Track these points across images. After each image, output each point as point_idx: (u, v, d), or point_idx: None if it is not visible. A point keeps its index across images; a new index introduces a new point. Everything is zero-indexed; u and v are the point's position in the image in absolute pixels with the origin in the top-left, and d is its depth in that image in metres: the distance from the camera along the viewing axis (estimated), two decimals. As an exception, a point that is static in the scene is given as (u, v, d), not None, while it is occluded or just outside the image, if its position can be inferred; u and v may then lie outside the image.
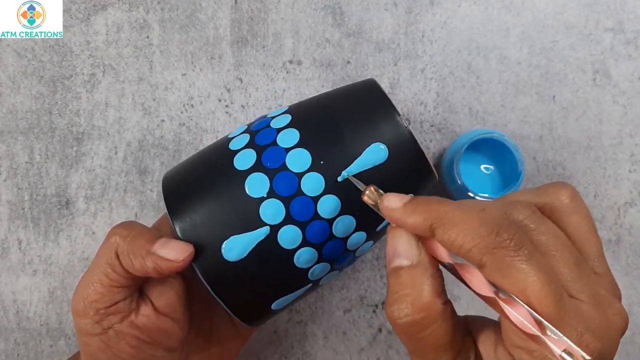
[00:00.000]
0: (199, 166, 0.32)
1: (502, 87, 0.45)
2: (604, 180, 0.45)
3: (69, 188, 0.45)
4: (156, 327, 0.31)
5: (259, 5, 0.46)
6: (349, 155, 0.30)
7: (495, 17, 0.46)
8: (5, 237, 0.45)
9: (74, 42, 0.46)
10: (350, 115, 0.31)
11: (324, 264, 0.31)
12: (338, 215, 0.29)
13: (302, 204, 0.29)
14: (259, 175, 0.29)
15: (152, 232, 0.30)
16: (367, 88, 0.33)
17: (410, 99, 0.45)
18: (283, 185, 0.29)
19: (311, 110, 0.32)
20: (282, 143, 0.30)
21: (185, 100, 0.46)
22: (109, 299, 0.30)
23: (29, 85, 0.46)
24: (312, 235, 0.29)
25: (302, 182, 0.29)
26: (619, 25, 0.45)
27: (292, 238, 0.29)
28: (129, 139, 0.45)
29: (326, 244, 0.30)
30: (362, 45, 0.46)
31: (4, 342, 0.45)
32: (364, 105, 0.32)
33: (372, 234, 0.31)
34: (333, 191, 0.29)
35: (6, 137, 0.45)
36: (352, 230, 0.30)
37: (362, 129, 0.30)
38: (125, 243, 0.29)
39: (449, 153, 0.43)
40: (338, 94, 0.34)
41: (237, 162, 0.30)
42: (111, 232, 0.30)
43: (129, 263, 0.29)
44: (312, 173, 0.29)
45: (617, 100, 0.45)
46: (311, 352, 0.45)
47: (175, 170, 0.33)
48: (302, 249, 0.29)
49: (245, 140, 0.31)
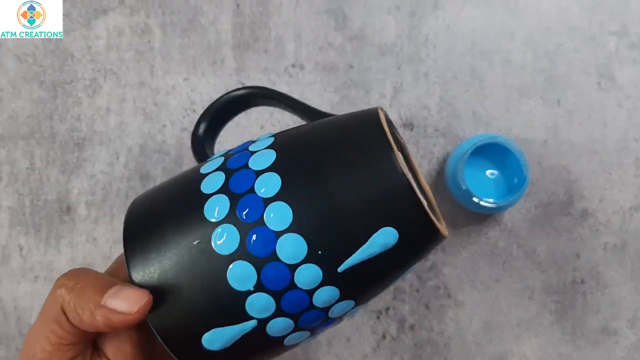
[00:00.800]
0: (166, 205, 0.27)
1: (506, 91, 0.45)
2: (608, 184, 0.45)
3: (70, 194, 0.45)
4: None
5: (261, 9, 0.46)
6: (344, 235, 0.24)
7: (499, 20, 0.45)
8: (6, 243, 0.45)
9: (74, 46, 0.46)
10: (347, 180, 0.25)
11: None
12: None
13: (295, 298, 0.25)
14: (244, 264, 0.24)
15: (103, 280, 0.26)
16: (369, 133, 0.26)
17: (414, 103, 0.45)
18: (272, 279, 0.24)
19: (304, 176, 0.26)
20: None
21: (186, 105, 0.45)
22: (58, 358, 0.26)
23: (30, 90, 0.45)
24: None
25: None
26: (623, 28, 0.45)
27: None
28: (131, 144, 0.45)
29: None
30: (365, 49, 0.45)
31: (5, 349, 0.44)
32: (365, 165, 0.25)
33: (361, 299, 0.28)
34: (332, 282, 0.25)
35: (7, 142, 0.45)
36: (336, 299, 0.26)
37: (368, 210, 0.25)
38: (70, 296, 0.25)
39: (453, 158, 0.43)
40: (333, 136, 0.27)
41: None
42: (57, 283, 0.26)
43: (77, 318, 0.25)
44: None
45: (621, 104, 0.45)
46: (315, 358, 0.45)
47: (142, 201, 0.29)
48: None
49: (225, 209, 0.25)
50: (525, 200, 0.45)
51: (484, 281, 0.45)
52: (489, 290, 0.45)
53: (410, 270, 0.27)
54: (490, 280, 0.45)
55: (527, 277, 0.44)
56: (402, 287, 0.45)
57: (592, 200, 0.45)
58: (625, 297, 0.44)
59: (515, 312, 0.44)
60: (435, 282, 0.45)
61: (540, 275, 0.44)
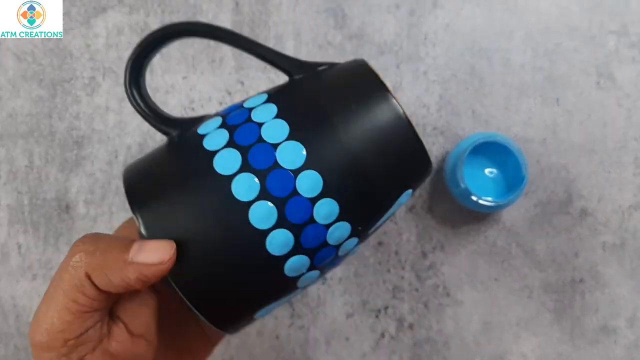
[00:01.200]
0: (171, 166, 0.28)
1: (506, 90, 0.45)
2: (608, 183, 0.45)
3: (68, 192, 0.45)
4: (130, 352, 0.27)
5: (260, 7, 0.46)
6: (346, 159, 0.26)
7: (499, 19, 0.45)
8: (4, 241, 0.45)
9: (73, 45, 0.46)
10: (346, 112, 0.27)
11: (314, 272, 0.28)
12: (335, 221, 0.26)
13: (298, 205, 0.26)
14: (248, 176, 0.26)
15: (122, 240, 0.27)
16: (360, 74, 0.29)
17: (413, 101, 0.45)
18: (276, 185, 0.26)
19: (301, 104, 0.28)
20: (269, 138, 0.26)
21: (186, 103, 0.45)
22: (78, 327, 0.26)
23: (29, 88, 0.45)
24: (306, 241, 0.26)
25: (297, 181, 0.26)
26: (623, 28, 0.45)
27: (284, 243, 0.26)
28: (130, 143, 0.45)
29: (320, 251, 0.27)
30: (364, 48, 0.45)
31: (4, 348, 0.44)
32: (360, 97, 0.28)
33: (364, 237, 0.29)
34: (331, 194, 0.26)
35: (6, 141, 0.45)
36: (347, 236, 0.27)
37: (360, 129, 0.27)
38: (94, 259, 0.25)
39: (452, 156, 0.43)
40: (329, 82, 0.29)
41: (218, 164, 0.26)
42: (73, 249, 0.26)
43: (106, 281, 0.25)
44: (309, 171, 0.26)
45: (621, 104, 0.45)
46: (313, 357, 0.45)
47: (140, 167, 0.29)
48: (294, 257, 0.26)
49: (225, 137, 0.27)
50: (524, 199, 0.45)
51: (483, 280, 0.45)
52: (488, 289, 0.45)
53: (401, 201, 0.29)
54: (489, 280, 0.45)
55: (526, 276, 0.44)
56: (401, 286, 0.45)
57: (591, 199, 0.45)
58: (625, 296, 0.44)
59: (514, 311, 0.44)
60: (435, 281, 0.45)
61: (539, 274, 0.44)
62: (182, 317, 0.32)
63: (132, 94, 0.29)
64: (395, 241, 0.45)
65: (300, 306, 0.45)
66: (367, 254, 0.45)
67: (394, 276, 0.45)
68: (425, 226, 0.45)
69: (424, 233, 0.45)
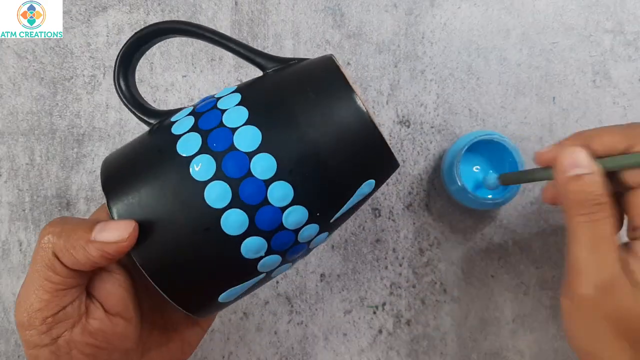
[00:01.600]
0: (140, 150, 0.30)
1: (502, 88, 0.45)
2: (603, 181, 0.45)
3: (69, 189, 0.45)
4: (110, 329, 0.29)
5: (259, 6, 0.46)
6: (303, 144, 0.27)
7: (495, 18, 0.46)
8: (6, 238, 0.45)
9: (74, 43, 0.46)
10: (305, 100, 0.28)
11: (274, 256, 0.29)
12: (289, 204, 0.27)
13: (252, 186, 0.27)
14: (205, 157, 0.27)
15: (87, 221, 0.28)
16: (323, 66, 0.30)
17: (411, 100, 0.46)
18: (231, 166, 0.27)
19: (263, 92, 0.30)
20: (228, 123, 0.28)
21: (185, 102, 0.46)
22: (55, 305, 0.27)
23: (30, 86, 0.46)
24: (260, 223, 0.27)
25: (252, 163, 0.27)
26: (618, 26, 0.45)
27: (239, 224, 0.27)
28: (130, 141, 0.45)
29: (276, 234, 0.28)
30: (362, 47, 0.46)
31: (5, 344, 0.45)
32: (320, 87, 0.29)
33: (325, 225, 0.30)
34: (285, 177, 0.27)
35: (7, 138, 0.45)
36: (305, 222, 0.28)
37: (318, 115, 0.28)
38: (61, 239, 0.27)
39: (449, 154, 0.43)
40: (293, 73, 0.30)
41: (180, 147, 0.28)
42: (42, 232, 0.28)
43: (71, 259, 0.27)
44: (263, 154, 0.27)
45: (617, 102, 0.45)
46: (311, 353, 0.45)
47: (115, 154, 0.31)
48: (250, 237, 0.27)
49: (190, 123, 0.29)
50: (520, 197, 0.45)
51: (480, 277, 0.45)
52: (485, 286, 0.45)
53: (363, 191, 0.29)
54: (485, 276, 0.45)
55: (523, 273, 0.45)
56: (398, 282, 0.45)
57: (587, 196, 0.45)
58: (620, 293, 0.45)
59: (510, 308, 0.45)
60: (432, 278, 0.45)
61: (535, 271, 0.45)
62: (157, 299, 0.33)
63: (120, 86, 0.32)
64: (393, 238, 0.45)
65: (299, 302, 0.45)
66: (365, 251, 0.45)
67: (391, 273, 0.45)
68: (423, 223, 0.45)
69: (421, 230, 0.45)
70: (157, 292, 0.31)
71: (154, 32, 0.32)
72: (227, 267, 0.28)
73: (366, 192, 0.30)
